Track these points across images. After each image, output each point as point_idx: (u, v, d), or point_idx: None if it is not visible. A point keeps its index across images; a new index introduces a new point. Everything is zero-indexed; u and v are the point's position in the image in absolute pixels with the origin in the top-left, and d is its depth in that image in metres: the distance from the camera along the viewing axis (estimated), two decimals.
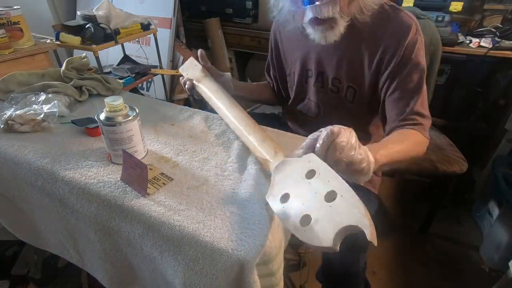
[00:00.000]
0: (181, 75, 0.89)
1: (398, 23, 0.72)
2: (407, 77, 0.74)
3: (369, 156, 0.51)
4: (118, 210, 0.56)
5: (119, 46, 1.69)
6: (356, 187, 0.43)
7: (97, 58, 1.45)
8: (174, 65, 2.09)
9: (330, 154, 0.49)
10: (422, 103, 0.75)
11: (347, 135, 0.49)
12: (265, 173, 0.62)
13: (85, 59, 0.98)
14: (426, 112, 0.76)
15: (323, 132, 0.49)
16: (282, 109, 1.12)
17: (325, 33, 0.73)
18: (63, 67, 0.94)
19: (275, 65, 1.01)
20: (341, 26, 0.72)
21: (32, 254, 1.12)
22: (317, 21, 0.71)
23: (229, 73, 0.89)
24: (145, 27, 1.67)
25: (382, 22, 0.73)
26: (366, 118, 0.88)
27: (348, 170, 0.49)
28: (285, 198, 0.49)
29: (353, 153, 0.48)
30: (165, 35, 2.01)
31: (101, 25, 1.43)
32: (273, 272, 0.52)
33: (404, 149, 0.68)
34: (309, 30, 0.76)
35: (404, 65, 0.73)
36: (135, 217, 0.54)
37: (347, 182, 0.44)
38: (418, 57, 0.73)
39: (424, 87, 0.76)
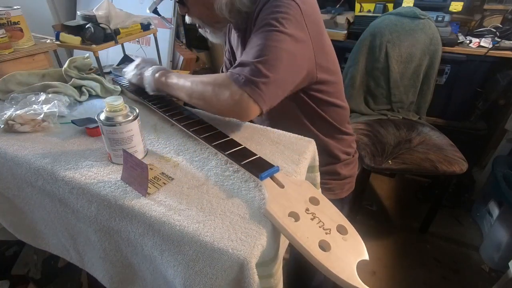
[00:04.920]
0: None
1: None
2: (254, 37, 0.66)
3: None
4: (118, 210, 0.56)
5: (119, 46, 1.69)
6: None
7: (97, 58, 1.46)
8: (174, 65, 2.09)
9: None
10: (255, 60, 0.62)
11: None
12: None
13: (88, 59, 0.98)
14: (262, 68, 0.61)
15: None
16: None
17: (206, 35, 0.83)
18: (65, 65, 0.94)
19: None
20: (216, 28, 0.79)
21: (32, 254, 1.12)
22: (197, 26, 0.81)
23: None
24: (145, 27, 1.67)
25: (262, 1, 0.69)
26: (294, 107, 0.82)
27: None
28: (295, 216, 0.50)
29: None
30: (165, 35, 2.01)
31: (101, 25, 1.43)
32: (272, 274, 0.52)
33: (191, 79, 0.70)
34: None
35: (257, 23, 0.67)
36: (135, 217, 0.54)
37: None
38: (273, 14, 0.64)
39: (278, 51, 0.63)
